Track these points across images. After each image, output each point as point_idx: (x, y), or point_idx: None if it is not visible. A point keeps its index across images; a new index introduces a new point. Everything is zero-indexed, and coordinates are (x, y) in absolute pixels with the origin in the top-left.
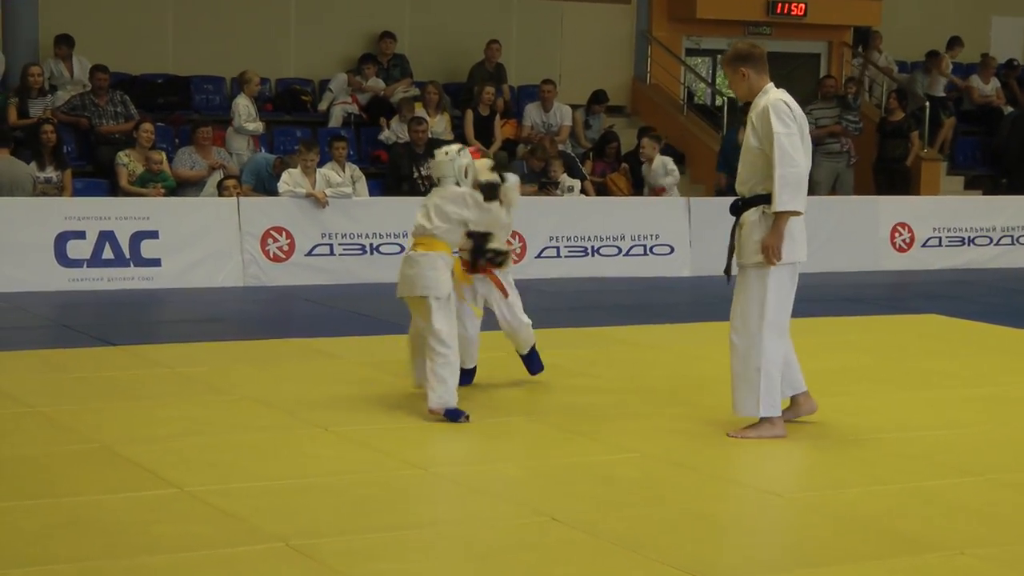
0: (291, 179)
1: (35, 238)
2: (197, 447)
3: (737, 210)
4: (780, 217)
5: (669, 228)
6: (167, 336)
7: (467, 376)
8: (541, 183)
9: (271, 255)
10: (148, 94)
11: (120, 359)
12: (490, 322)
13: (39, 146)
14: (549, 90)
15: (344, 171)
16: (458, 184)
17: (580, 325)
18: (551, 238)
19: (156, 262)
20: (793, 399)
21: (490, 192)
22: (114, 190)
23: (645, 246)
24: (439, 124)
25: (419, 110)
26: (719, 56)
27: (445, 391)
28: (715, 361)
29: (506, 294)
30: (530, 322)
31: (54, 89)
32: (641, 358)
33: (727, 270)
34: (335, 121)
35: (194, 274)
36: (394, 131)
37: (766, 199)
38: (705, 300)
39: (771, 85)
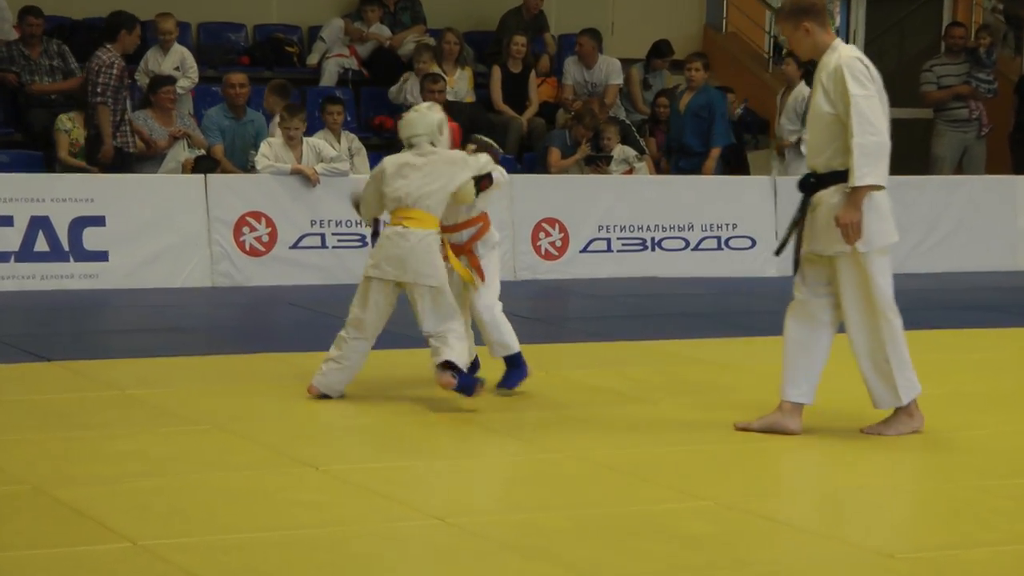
0: (271, 152)
1: None
2: (154, 490)
3: (810, 187)
4: (858, 192)
5: (750, 215)
6: (116, 350)
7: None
8: (589, 157)
9: (247, 248)
10: (92, 44)
11: (57, 378)
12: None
13: None
14: (583, 43)
15: (340, 142)
16: (433, 144)
17: (636, 338)
18: (600, 227)
19: (102, 256)
20: None
21: (492, 152)
22: (50, 165)
23: (719, 238)
24: (460, 83)
25: (433, 67)
26: None
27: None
28: None
29: (483, 277)
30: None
31: None
32: (714, 380)
33: (796, 263)
34: (328, 79)
35: (150, 271)
36: (404, 91)
37: (845, 176)
38: None
39: (839, 41)
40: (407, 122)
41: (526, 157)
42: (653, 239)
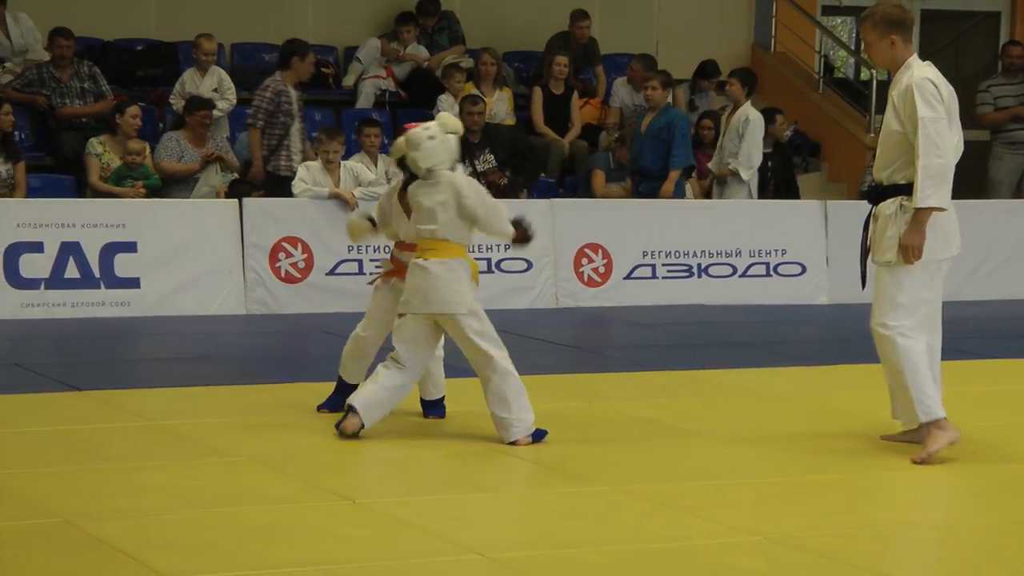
0: (309, 176)
1: None
2: (185, 524)
3: (876, 198)
4: (921, 213)
5: (800, 241)
6: (147, 379)
7: (435, 408)
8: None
9: (282, 274)
10: (124, 65)
11: (87, 408)
12: (577, 360)
13: None
14: (636, 69)
15: (377, 165)
16: (452, 169)
17: (682, 368)
18: (644, 253)
19: (134, 283)
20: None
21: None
22: (80, 190)
23: (768, 264)
24: (498, 104)
25: (470, 88)
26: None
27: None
28: (861, 416)
29: None
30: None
31: None
32: (762, 412)
33: (863, 276)
34: (365, 100)
35: (182, 298)
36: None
37: (905, 189)
38: (847, 335)
39: (915, 58)
40: (428, 153)
41: (568, 180)
42: (699, 265)
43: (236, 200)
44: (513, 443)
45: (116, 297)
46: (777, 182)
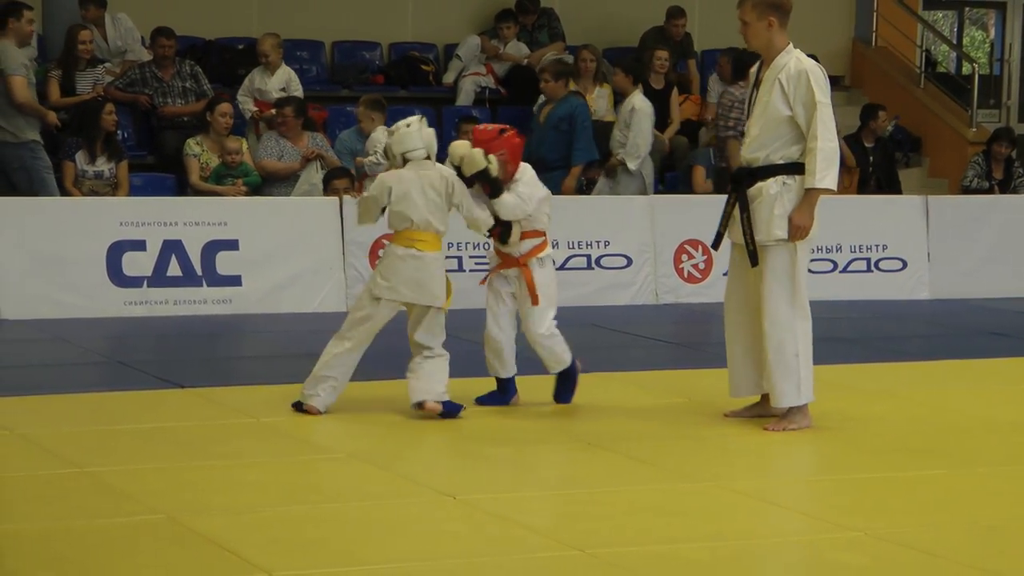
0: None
1: (82, 250)
2: (289, 520)
3: (746, 179)
4: (814, 193)
5: (901, 236)
6: (249, 376)
7: (507, 387)
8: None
9: None
10: (226, 65)
11: (190, 405)
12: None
13: (92, 131)
14: (724, 64)
15: None
16: (429, 158)
17: None
18: None
19: (235, 280)
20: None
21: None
22: (182, 188)
23: (869, 260)
24: (599, 100)
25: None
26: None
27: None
28: (965, 412)
29: (536, 298)
30: (558, 335)
31: (97, 62)
32: (861, 408)
33: (716, 244)
34: (465, 98)
35: (284, 296)
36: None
37: (785, 169)
38: (950, 331)
39: (791, 45)
40: (400, 137)
41: (668, 176)
42: None
43: (337, 198)
44: (419, 405)
45: (218, 295)
46: (879, 177)
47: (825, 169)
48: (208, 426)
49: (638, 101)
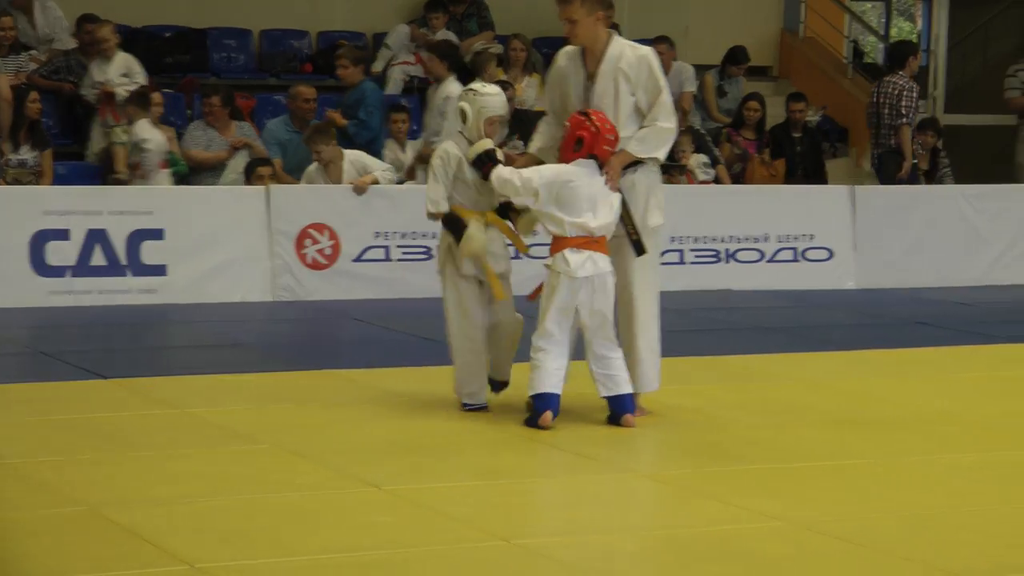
0: (308, 183)
1: (5, 239)
2: (213, 512)
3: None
4: (629, 157)
5: (827, 226)
6: (175, 367)
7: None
8: (663, 167)
9: (309, 261)
10: (153, 52)
11: (114, 396)
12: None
13: (16, 119)
14: (662, 51)
15: (405, 151)
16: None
17: (709, 353)
18: (673, 239)
19: (160, 270)
20: None
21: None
22: (107, 177)
23: (796, 249)
24: (528, 90)
25: (500, 74)
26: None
27: None
28: (889, 401)
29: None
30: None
31: (22, 48)
32: (789, 397)
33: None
34: (394, 86)
35: (209, 286)
36: None
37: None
38: (876, 320)
39: (616, 35)
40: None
41: None
42: (727, 251)
43: (264, 188)
44: None
45: (143, 285)
46: (805, 167)
47: (658, 145)
48: (132, 417)
49: (455, 89)
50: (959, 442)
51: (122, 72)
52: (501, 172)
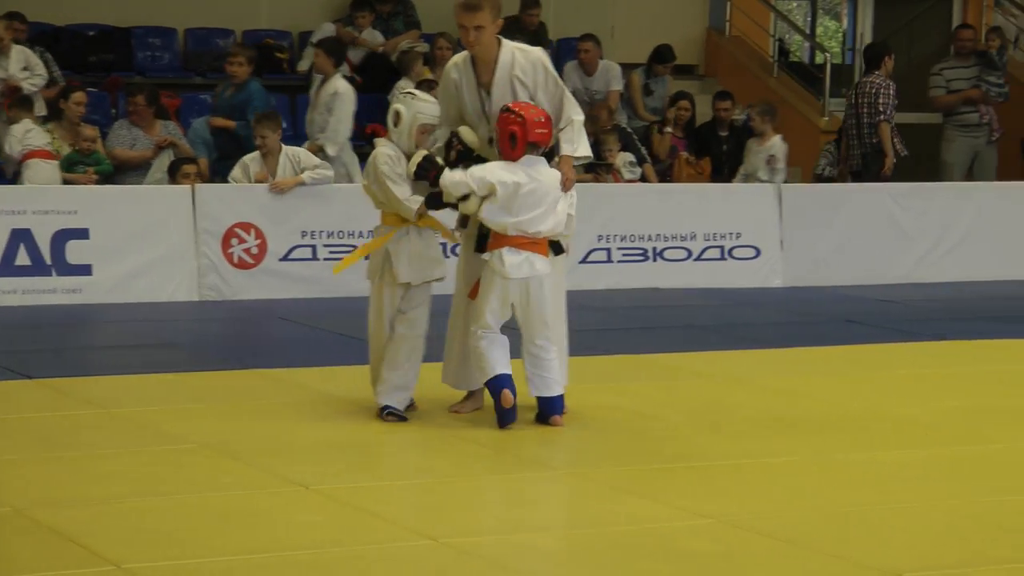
0: (241, 174)
1: None
2: (139, 512)
3: None
4: (571, 159)
5: (754, 224)
6: (100, 367)
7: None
8: (590, 166)
9: (235, 260)
10: (77, 51)
11: (39, 397)
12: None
13: None
14: (588, 49)
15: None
16: None
17: (637, 351)
18: (600, 237)
19: (85, 269)
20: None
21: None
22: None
23: (723, 248)
24: None
25: (426, 72)
26: None
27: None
28: (817, 398)
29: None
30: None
31: None
32: (717, 395)
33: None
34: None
35: (135, 285)
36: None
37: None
38: (803, 318)
39: (504, 40)
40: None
41: None
42: (654, 249)
43: (189, 186)
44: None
45: (68, 284)
46: (732, 165)
47: (580, 139)
48: (58, 417)
49: (341, 85)
50: (887, 440)
51: (22, 66)
52: (452, 175)
